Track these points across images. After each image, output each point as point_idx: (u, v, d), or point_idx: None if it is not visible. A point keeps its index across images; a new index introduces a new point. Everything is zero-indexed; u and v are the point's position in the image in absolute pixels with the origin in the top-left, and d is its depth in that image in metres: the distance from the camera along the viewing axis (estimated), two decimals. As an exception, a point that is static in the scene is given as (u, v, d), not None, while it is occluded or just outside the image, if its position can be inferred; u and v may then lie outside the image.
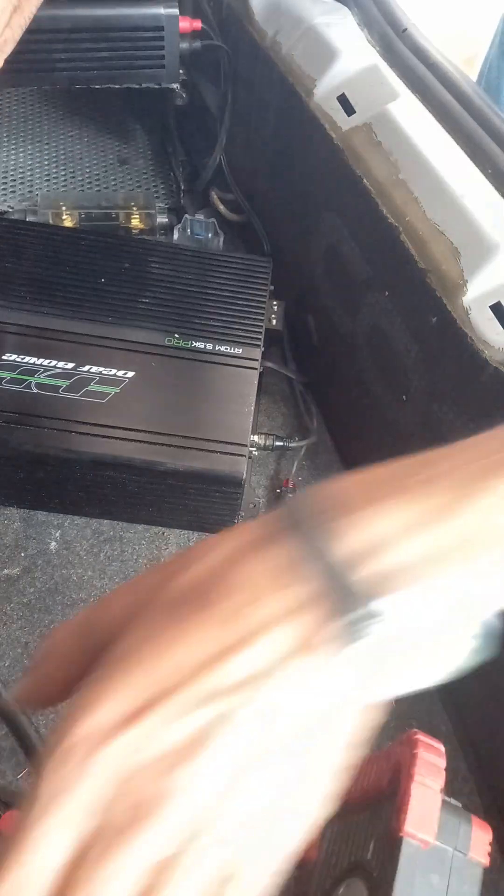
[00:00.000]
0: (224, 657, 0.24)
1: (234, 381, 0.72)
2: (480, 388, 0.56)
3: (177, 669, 0.24)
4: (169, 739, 0.24)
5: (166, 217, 0.97)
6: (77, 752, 0.24)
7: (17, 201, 0.96)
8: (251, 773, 0.25)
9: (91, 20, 0.84)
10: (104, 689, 0.25)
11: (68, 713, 0.26)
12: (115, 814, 0.23)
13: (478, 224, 0.59)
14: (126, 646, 0.26)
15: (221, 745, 0.24)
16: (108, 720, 0.24)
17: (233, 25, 0.92)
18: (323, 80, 0.76)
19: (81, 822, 0.23)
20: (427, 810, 0.46)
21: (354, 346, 0.76)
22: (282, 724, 0.25)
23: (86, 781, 0.23)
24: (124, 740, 0.24)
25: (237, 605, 0.25)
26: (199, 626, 0.25)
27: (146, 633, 0.26)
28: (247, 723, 0.24)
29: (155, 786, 0.23)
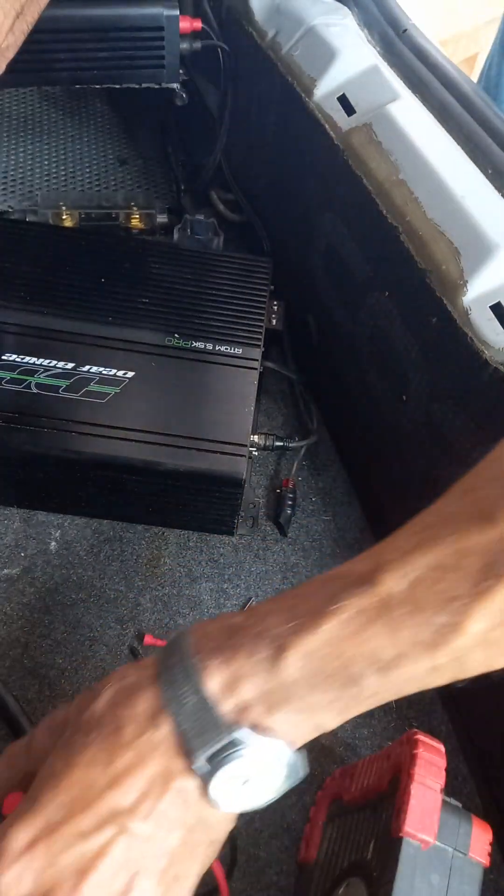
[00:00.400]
0: (110, 788, 0.33)
1: (234, 381, 0.72)
2: (480, 388, 0.56)
3: (79, 798, 0.33)
4: (79, 851, 0.32)
5: (166, 217, 0.97)
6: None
7: (17, 201, 0.96)
8: (141, 878, 0.33)
9: (91, 20, 0.85)
10: (21, 816, 0.33)
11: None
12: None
13: (478, 224, 0.59)
14: (43, 776, 0.35)
15: (119, 852, 0.33)
16: (22, 840, 0.33)
17: (233, 25, 0.92)
18: (323, 81, 0.76)
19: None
20: (427, 810, 0.46)
21: (354, 346, 0.76)
22: (151, 846, 0.34)
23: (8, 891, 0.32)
24: (37, 855, 0.32)
25: (118, 744, 0.33)
26: (92, 762, 0.33)
27: (56, 768, 0.34)
28: (134, 838, 0.33)
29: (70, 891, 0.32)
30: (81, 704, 0.37)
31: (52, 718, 0.40)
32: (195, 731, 0.32)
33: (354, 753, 0.67)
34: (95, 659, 0.68)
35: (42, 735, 0.39)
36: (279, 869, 0.60)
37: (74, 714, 0.37)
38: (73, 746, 0.34)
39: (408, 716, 0.69)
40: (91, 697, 0.37)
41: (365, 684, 0.33)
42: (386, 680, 0.33)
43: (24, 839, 0.32)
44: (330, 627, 0.32)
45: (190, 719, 0.33)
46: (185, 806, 0.34)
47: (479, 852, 0.47)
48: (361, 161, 0.69)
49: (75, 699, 0.39)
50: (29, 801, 0.34)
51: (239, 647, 0.33)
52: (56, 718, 0.39)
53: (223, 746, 0.33)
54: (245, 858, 0.61)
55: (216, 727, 0.32)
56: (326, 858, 0.55)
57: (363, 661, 0.32)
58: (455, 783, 0.66)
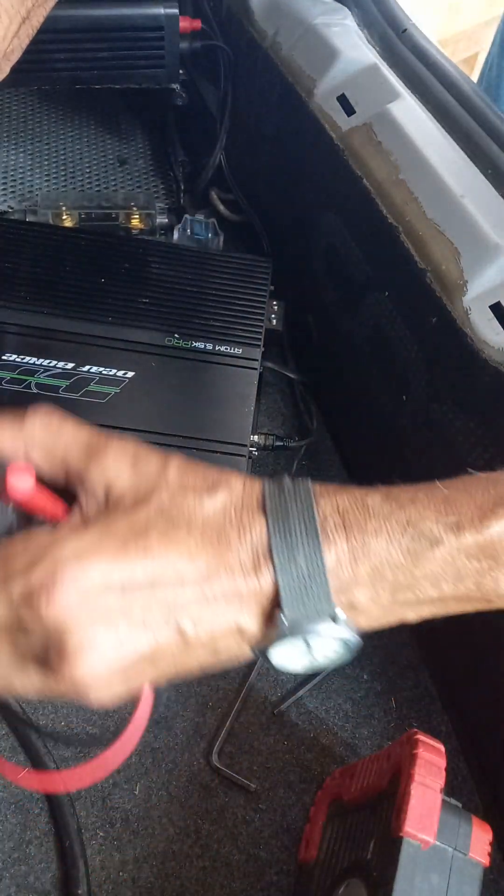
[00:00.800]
0: (187, 586, 0.31)
1: (234, 381, 0.72)
2: (480, 388, 0.56)
3: (160, 572, 0.31)
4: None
5: (166, 217, 0.97)
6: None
7: (17, 201, 0.96)
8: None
9: (91, 20, 0.85)
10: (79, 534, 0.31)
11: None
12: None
13: (478, 224, 0.59)
14: (124, 524, 0.32)
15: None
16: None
17: (233, 25, 0.92)
18: (323, 81, 0.76)
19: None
20: (427, 810, 0.46)
21: (354, 346, 0.76)
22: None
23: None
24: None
25: (219, 565, 0.31)
26: (187, 556, 0.31)
27: (149, 525, 0.32)
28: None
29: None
30: (168, 473, 0.34)
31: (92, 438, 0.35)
32: (295, 593, 0.31)
33: (354, 753, 0.67)
34: (95, 659, 0.68)
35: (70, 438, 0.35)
36: (279, 869, 0.60)
37: (164, 477, 0.33)
38: (175, 524, 0.31)
39: (408, 716, 0.69)
40: (183, 476, 0.34)
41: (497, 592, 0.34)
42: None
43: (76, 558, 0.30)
44: (499, 530, 0.32)
45: (294, 579, 0.31)
46: (236, 640, 0.33)
47: (479, 852, 0.47)
48: (361, 161, 0.69)
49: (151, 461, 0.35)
50: (98, 526, 0.31)
51: (376, 532, 0.32)
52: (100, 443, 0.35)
53: (311, 619, 0.31)
54: (245, 858, 0.61)
55: (318, 600, 0.31)
56: (326, 858, 0.55)
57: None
58: (455, 783, 0.66)
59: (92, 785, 0.63)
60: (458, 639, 0.68)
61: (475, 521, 0.32)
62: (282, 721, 0.68)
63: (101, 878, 0.59)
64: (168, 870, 0.60)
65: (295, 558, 0.31)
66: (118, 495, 0.33)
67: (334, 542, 0.32)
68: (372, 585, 0.32)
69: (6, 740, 0.63)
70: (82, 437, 0.35)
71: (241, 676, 0.69)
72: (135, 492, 0.33)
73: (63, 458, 0.34)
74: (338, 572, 0.32)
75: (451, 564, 0.32)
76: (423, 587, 0.33)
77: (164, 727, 0.66)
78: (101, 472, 0.33)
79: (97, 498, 0.33)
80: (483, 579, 0.33)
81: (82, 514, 0.33)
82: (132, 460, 0.34)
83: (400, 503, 0.33)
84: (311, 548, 0.31)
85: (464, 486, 0.34)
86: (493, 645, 0.62)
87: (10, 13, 0.54)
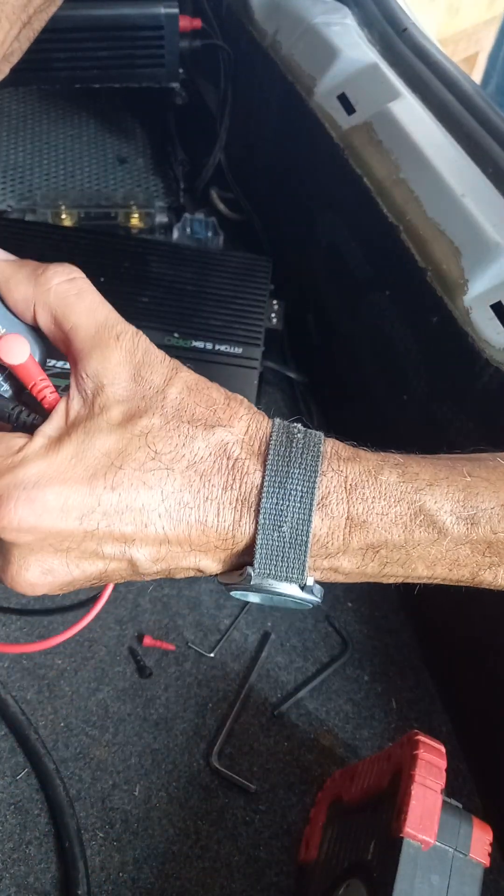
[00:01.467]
0: (157, 526, 0.30)
1: (234, 381, 0.72)
2: (481, 388, 0.56)
3: (126, 505, 0.30)
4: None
5: (166, 216, 0.97)
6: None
7: (16, 200, 0.95)
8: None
9: (91, 20, 0.84)
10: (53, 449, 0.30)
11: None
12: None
13: (478, 223, 0.58)
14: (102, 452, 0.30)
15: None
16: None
17: (233, 25, 0.92)
18: (323, 80, 0.76)
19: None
20: (428, 811, 0.46)
21: (354, 346, 0.76)
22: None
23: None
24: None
25: (195, 507, 0.30)
26: (159, 497, 0.30)
27: (125, 464, 0.30)
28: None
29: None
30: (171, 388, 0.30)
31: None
32: (270, 556, 0.29)
33: (355, 754, 0.67)
34: (95, 659, 0.68)
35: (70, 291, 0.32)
36: (279, 870, 0.60)
37: (164, 395, 0.30)
38: (155, 460, 0.29)
39: (408, 717, 0.69)
40: (186, 393, 0.31)
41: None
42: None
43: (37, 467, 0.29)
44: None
45: (274, 544, 0.29)
46: (193, 573, 0.32)
47: (480, 853, 0.47)
48: (361, 160, 0.69)
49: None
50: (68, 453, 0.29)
51: (382, 513, 0.30)
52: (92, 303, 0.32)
53: (279, 580, 0.30)
54: (245, 859, 0.61)
55: (291, 568, 0.30)
56: (326, 859, 0.55)
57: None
58: (455, 783, 0.65)
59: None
60: (458, 640, 0.68)
61: (493, 519, 0.31)
62: (282, 722, 0.68)
63: (100, 879, 0.58)
64: (168, 871, 0.59)
65: (281, 525, 0.29)
66: (106, 402, 0.30)
67: (332, 515, 0.30)
68: (362, 556, 0.31)
69: (6, 740, 0.63)
70: (97, 316, 0.31)
71: (240, 677, 0.69)
72: (125, 406, 0.30)
73: (69, 331, 0.31)
74: (327, 541, 0.30)
75: (452, 552, 0.31)
76: (415, 566, 0.32)
77: (164, 728, 0.66)
78: (97, 369, 0.30)
79: (85, 396, 0.30)
80: (481, 571, 0.32)
81: (66, 417, 0.30)
82: (136, 368, 0.30)
83: (417, 486, 0.31)
84: (300, 518, 0.29)
85: (486, 475, 0.32)
86: (493, 646, 0.62)
87: (11, 18, 0.54)
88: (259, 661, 0.70)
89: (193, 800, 0.63)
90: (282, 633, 0.72)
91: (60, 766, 0.62)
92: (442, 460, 0.33)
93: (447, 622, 0.69)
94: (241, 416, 0.31)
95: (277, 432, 0.31)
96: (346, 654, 0.72)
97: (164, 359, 0.31)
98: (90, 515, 0.28)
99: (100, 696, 0.67)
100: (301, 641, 0.72)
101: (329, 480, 0.30)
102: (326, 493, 0.30)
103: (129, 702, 0.67)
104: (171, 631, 0.71)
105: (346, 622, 0.74)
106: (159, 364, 0.31)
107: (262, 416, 0.32)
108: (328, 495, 0.30)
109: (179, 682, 0.68)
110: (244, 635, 0.72)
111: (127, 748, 0.64)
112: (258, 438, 0.31)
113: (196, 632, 0.71)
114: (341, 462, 0.31)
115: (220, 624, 0.72)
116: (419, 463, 0.32)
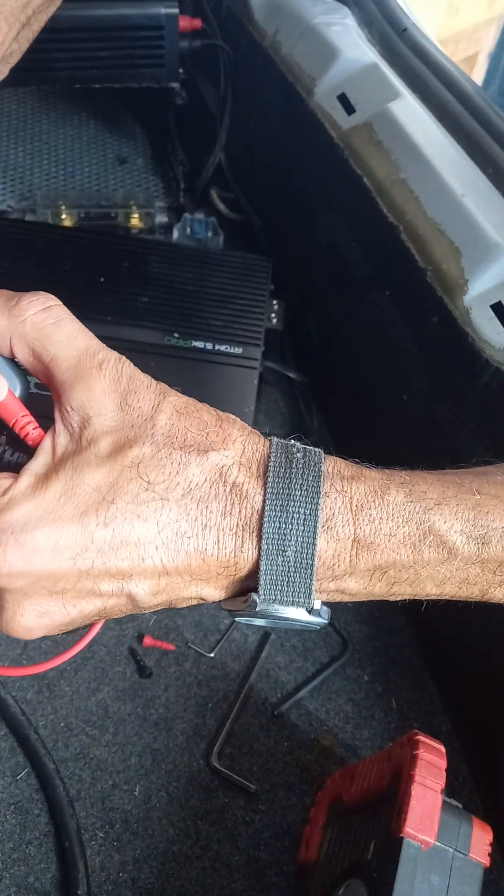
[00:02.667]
0: (151, 559, 0.29)
1: (234, 381, 0.72)
2: (481, 388, 0.56)
3: (122, 539, 0.29)
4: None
5: (166, 216, 0.97)
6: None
7: (16, 200, 0.95)
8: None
9: (91, 20, 0.84)
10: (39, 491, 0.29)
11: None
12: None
13: (478, 223, 0.58)
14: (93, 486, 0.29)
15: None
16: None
17: (233, 25, 0.92)
18: (323, 80, 0.76)
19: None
20: (428, 811, 0.46)
21: (354, 346, 0.76)
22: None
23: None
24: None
25: (194, 535, 0.29)
26: (154, 525, 0.29)
27: (117, 497, 0.29)
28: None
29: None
30: (146, 406, 0.29)
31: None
32: (275, 582, 0.29)
33: (355, 754, 0.67)
34: (95, 659, 0.68)
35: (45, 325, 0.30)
36: (279, 870, 0.60)
37: (143, 417, 0.29)
38: (149, 492, 0.28)
39: (408, 717, 0.69)
40: (172, 418, 0.29)
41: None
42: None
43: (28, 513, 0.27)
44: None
45: (278, 569, 0.29)
46: (195, 602, 0.31)
47: (480, 853, 0.47)
48: (361, 160, 0.69)
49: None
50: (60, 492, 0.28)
51: (390, 534, 0.29)
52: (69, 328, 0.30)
53: (285, 605, 0.29)
54: (245, 859, 0.61)
55: (297, 592, 0.29)
56: (326, 859, 0.55)
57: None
58: (455, 784, 0.65)
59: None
60: (458, 640, 0.68)
61: (503, 538, 0.30)
62: (282, 722, 0.68)
63: (100, 879, 0.58)
64: (168, 871, 0.59)
65: (284, 550, 0.28)
66: (93, 435, 0.29)
67: (337, 537, 0.29)
68: (369, 578, 0.30)
69: (6, 740, 0.63)
70: (78, 345, 0.30)
71: (240, 678, 0.69)
72: (114, 437, 0.29)
73: (50, 363, 0.30)
74: (333, 563, 0.29)
75: (462, 571, 0.31)
76: (424, 585, 0.31)
77: (164, 728, 0.66)
78: (82, 401, 0.29)
79: (71, 430, 0.29)
80: (492, 589, 0.32)
81: (52, 453, 0.29)
82: (122, 397, 0.29)
83: (425, 505, 0.30)
84: (305, 541, 0.28)
85: (496, 492, 0.31)
86: (493, 646, 0.62)
87: (10, 20, 0.54)
88: (259, 661, 0.70)
89: (193, 800, 0.63)
90: (282, 633, 0.72)
91: (60, 766, 0.62)
92: (448, 476, 0.32)
93: (447, 622, 0.69)
94: (234, 439, 0.30)
95: (276, 453, 0.30)
96: (346, 654, 0.72)
97: (150, 384, 0.30)
98: (84, 554, 0.27)
99: (100, 696, 0.67)
100: (301, 641, 0.72)
101: (333, 501, 0.29)
102: (331, 515, 0.29)
103: (129, 702, 0.67)
104: (171, 631, 0.71)
105: (346, 622, 0.74)
106: (146, 390, 0.30)
107: (258, 435, 0.31)
108: (333, 517, 0.29)
109: (179, 682, 0.68)
110: (244, 635, 0.72)
111: (127, 748, 0.64)
112: (255, 460, 0.30)
113: (196, 632, 0.71)
114: (345, 481, 0.30)
115: (220, 624, 0.72)
116: (426, 480, 0.31)
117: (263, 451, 0.30)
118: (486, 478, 0.32)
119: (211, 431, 0.30)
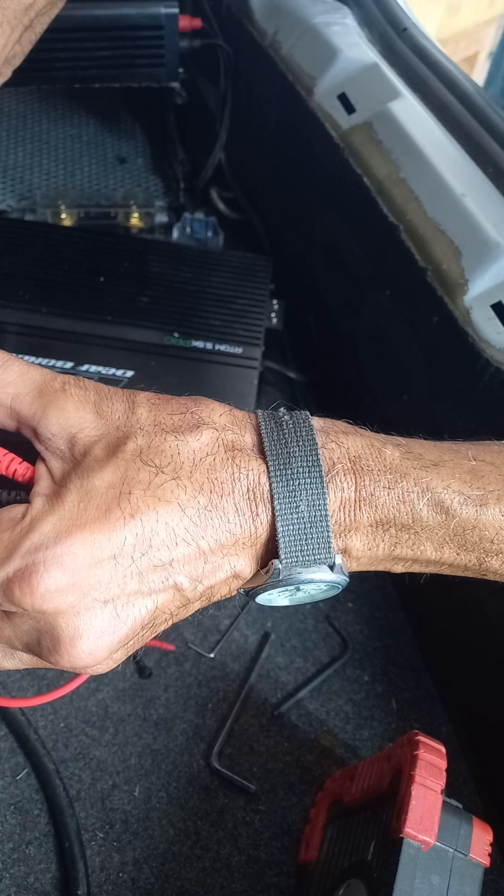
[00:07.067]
0: (183, 546, 0.29)
1: (234, 381, 0.72)
2: (481, 388, 0.56)
3: (150, 541, 0.29)
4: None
5: (165, 215, 0.97)
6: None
7: (15, 200, 0.95)
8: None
9: (91, 19, 0.84)
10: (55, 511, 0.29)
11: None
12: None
13: (479, 223, 0.58)
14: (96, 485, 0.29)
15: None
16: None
17: (233, 24, 0.92)
18: (323, 79, 0.76)
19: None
20: (428, 811, 0.46)
21: (355, 346, 0.76)
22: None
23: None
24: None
25: (211, 513, 0.29)
26: (176, 511, 0.29)
27: (130, 489, 0.29)
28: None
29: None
30: (137, 414, 0.30)
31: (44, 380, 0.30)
32: (294, 541, 0.29)
33: (355, 755, 0.67)
34: (95, 659, 0.68)
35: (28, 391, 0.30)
36: (279, 870, 0.60)
37: (134, 420, 0.30)
38: (160, 474, 0.28)
39: (409, 717, 0.69)
40: (160, 416, 0.30)
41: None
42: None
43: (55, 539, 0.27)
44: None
45: (295, 526, 0.29)
46: (230, 586, 0.31)
47: (480, 853, 0.47)
48: (362, 159, 0.69)
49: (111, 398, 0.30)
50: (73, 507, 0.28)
51: (389, 487, 0.30)
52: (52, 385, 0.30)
53: (307, 566, 0.29)
54: (245, 860, 0.61)
55: (317, 548, 0.29)
56: (326, 859, 0.55)
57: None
58: (455, 784, 0.65)
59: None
60: (459, 640, 0.68)
61: (500, 502, 0.31)
62: (282, 722, 0.68)
63: (100, 879, 0.58)
64: (168, 871, 0.59)
65: (297, 505, 0.29)
66: (85, 448, 0.29)
67: (341, 487, 0.30)
68: (372, 535, 0.31)
69: (6, 740, 0.63)
70: (33, 378, 0.30)
71: (240, 678, 0.69)
72: (105, 441, 0.29)
73: (12, 405, 0.30)
74: (339, 516, 0.30)
75: (460, 535, 0.31)
76: (424, 548, 0.31)
77: (164, 729, 0.66)
78: (60, 424, 0.29)
79: (61, 453, 0.29)
80: (489, 557, 0.32)
81: (51, 476, 0.29)
82: (95, 406, 0.30)
83: (422, 463, 0.31)
84: (314, 493, 0.29)
85: (492, 459, 0.32)
86: (494, 646, 0.62)
87: (13, 23, 0.54)
88: (259, 661, 0.70)
89: (193, 800, 0.63)
90: (282, 634, 0.72)
91: (60, 766, 0.62)
92: (445, 443, 0.33)
93: (447, 623, 0.69)
94: (219, 412, 0.31)
95: (263, 418, 0.31)
96: (346, 655, 0.72)
97: (116, 389, 0.31)
98: (122, 551, 0.27)
99: (99, 696, 0.67)
100: (301, 642, 0.72)
101: (331, 452, 0.30)
102: (331, 465, 0.30)
103: (128, 702, 0.67)
104: (171, 631, 0.71)
105: (346, 622, 0.74)
106: (115, 395, 0.30)
107: (238, 409, 0.32)
108: (333, 466, 0.30)
109: (179, 682, 0.68)
110: (244, 635, 0.72)
111: (127, 748, 0.64)
112: (245, 428, 0.31)
113: (196, 632, 0.71)
114: (340, 435, 0.31)
115: (220, 624, 0.72)
116: (422, 445, 0.32)
117: (249, 418, 0.31)
118: (482, 447, 0.33)
119: (193, 411, 0.30)
